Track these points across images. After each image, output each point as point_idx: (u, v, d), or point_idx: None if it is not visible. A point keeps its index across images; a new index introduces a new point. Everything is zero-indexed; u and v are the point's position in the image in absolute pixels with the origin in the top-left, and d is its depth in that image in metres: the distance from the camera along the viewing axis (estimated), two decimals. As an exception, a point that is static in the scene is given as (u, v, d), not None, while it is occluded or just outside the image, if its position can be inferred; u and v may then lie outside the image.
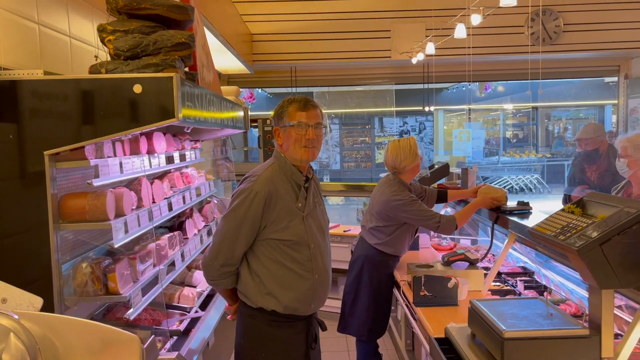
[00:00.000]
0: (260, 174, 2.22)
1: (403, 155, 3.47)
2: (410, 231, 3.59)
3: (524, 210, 3.18)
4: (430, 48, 5.73)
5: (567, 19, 6.89)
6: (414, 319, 3.02)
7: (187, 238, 3.34)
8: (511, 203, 3.34)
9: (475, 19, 4.74)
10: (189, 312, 3.06)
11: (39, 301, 1.39)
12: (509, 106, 13.21)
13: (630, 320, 1.84)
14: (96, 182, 2.12)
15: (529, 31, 6.86)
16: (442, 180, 4.91)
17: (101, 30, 2.26)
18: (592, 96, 11.78)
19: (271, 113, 2.51)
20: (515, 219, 2.97)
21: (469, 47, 5.76)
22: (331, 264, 2.42)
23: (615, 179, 3.77)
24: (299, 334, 2.27)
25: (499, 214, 3.21)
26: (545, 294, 3.01)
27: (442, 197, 3.90)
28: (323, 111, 2.34)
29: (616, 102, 7.96)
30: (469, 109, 11.70)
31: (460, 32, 5.10)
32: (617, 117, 7.97)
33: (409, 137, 3.60)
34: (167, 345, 2.65)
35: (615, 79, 7.95)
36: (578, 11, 6.89)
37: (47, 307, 1.71)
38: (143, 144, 2.66)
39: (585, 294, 2.58)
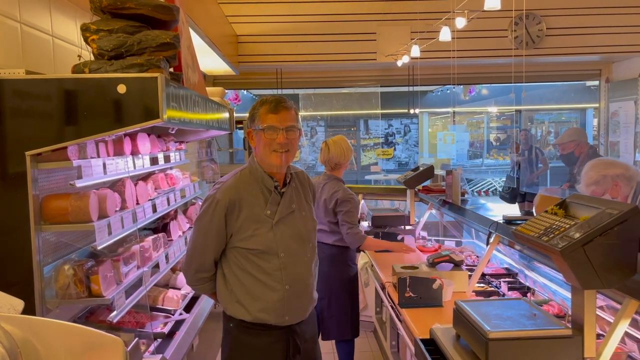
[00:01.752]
0: (224, 182, 2.17)
1: (341, 152, 3.70)
2: None
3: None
4: (415, 51, 5.76)
5: (549, 23, 6.98)
6: (399, 320, 3.02)
7: (171, 240, 3.31)
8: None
9: (460, 22, 4.79)
10: (173, 315, 3.04)
11: (20, 304, 1.36)
12: (493, 109, 13.35)
13: (612, 321, 1.86)
14: (79, 183, 2.09)
15: (512, 35, 6.93)
16: (427, 182, 4.95)
17: (85, 29, 2.23)
18: (574, 100, 11.93)
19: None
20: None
21: (454, 50, 5.81)
22: (315, 273, 2.33)
23: None
24: (276, 343, 2.18)
25: (504, 224, 2.98)
26: (528, 294, 3.04)
27: None
28: (299, 112, 2.28)
29: (597, 105, 8.09)
30: (454, 112, 11.80)
31: (445, 35, 5.14)
32: (599, 120, 8.09)
33: (340, 136, 3.82)
34: (151, 348, 2.62)
35: (597, 82, 8.08)
36: (561, 15, 6.98)
37: (29, 309, 1.69)
38: (127, 145, 2.63)
39: (568, 294, 2.61)
